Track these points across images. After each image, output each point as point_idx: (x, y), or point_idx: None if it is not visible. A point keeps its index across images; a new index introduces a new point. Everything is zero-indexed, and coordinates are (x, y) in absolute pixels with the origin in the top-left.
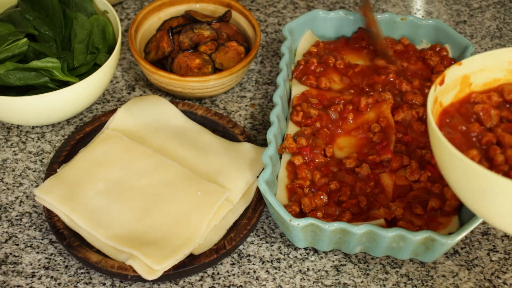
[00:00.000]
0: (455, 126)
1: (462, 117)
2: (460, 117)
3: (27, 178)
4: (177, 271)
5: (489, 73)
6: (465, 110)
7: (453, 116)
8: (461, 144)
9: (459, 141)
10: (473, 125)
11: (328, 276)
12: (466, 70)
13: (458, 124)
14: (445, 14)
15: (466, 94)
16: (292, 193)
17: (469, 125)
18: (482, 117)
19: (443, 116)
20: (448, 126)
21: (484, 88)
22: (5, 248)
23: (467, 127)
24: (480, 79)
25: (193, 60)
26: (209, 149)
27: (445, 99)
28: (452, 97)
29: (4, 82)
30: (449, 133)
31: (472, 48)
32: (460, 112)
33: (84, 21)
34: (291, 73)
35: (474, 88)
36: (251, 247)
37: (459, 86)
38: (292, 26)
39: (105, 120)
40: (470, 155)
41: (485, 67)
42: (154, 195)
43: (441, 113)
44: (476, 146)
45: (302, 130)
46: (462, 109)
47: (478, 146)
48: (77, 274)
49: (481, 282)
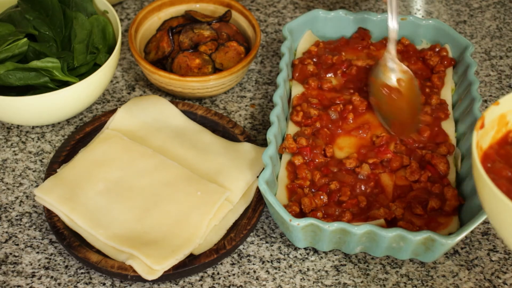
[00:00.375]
0: (499, 172)
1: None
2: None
3: (27, 178)
4: (177, 271)
5: None
6: (505, 152)
7: (494, 160)
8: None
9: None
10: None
11: (328, 276)
12: (504, 109)
13: (501, 170)
14: (445, 14)
15: (503, 134)
16: (292, 193)
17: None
18: None
19: (484, 161)
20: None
21: None
22: (5, 248)
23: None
24: None
25: (193, 60)
26: (209, 149)
27: (484, 142)
28: (490, 138)
29: (4, 82)
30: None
31: (472, 48)
32: (500, 154)
33: (84, 21)
34: (291, 73)
35: (511, 127)
36: (251, 247)
37: (496, 127)
38: (292, 26)
39: (105, 120)
40: None
41: None
42: (154, 195)
43: (482, 158)
44: None
45: (302, 130)
46: (501, 150)
47: None
48: (77, 274)
49: (481, 282)
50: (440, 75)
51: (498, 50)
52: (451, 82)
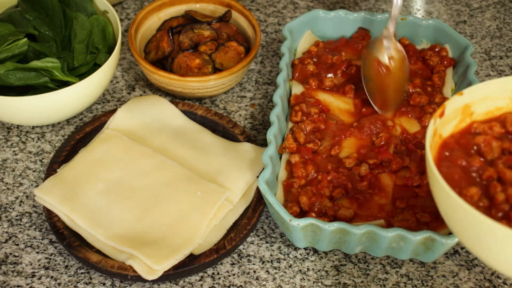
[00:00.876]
0: (454, 160)
1: (462, 148)
2: (460, 150)
3: (27, 178)
4: (177, 271)
5: (491, 101)
6: (466, 141)
7: (453, 149)
8: (460, 180)
9: (458, 176)
10: (473, 158)
11: (328, 276)
12: (467, 100)
13: (458, 158)
14: (445, 14)
15: (467, 124)
16: (288, 190)
17: (469, 159)
18: (483, 149)
19: (442, 149)
20: (448, 160)
21: (486, 117)
22: (5, 248)
23: (467, 161)
24: (482, 108)
25: (193, 60)
26: (209, 149)
27: (444, 130)
28: (452, 127)
29: (4, 82)
30: (449, 168)
31: (472, 48)
32: (460, 144)
33: (84, 21)
34: (291, 73)
35: (475, 118)
36: (251, 247)
37: (459, 116)
38: (292, 26)
39: (105, 120)
40: (470, 193)
41: (487, 96)
42: (154, 195)
43: (440, 146)
44: (476, 182)
45: (300, 125)
46: (462, 140)
47: (478, 181)
48: (77, 274)
49: (481, 282)
50: (440, 75)
51: (498, 50)
52: (451, 82)
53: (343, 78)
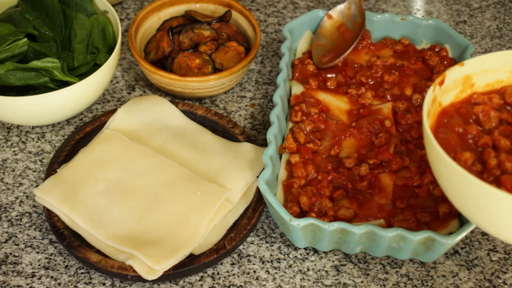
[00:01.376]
0: (452, 127)
1: (461, 117)
2: (458, 118)
3: (27, 178)
4: (177, 271)
5: (492, 74)
6: (465, 111)
7: (451, 117)
8: (456, 146)
9: (454, 142)
10: (470, 126)
11: (328, 276)
12: (468, 71)
13: (455, 125)
14: (445, 14)
15: (468, 94)
16: (287, 189)
17: (466, 127)
18: (481, 118)
19: (441, 116)
20: (446, 126)
21: (487, 89)
22: (5, 248)
23: (464, 128)
24: (483, 80)
25: (193, 60)
26: (209, 149)
27: (444, 99)
28: (452, 97)
29: (4, 82)
30: (446, 134)
31: (472, 48)
32: (459, 113)
33: (84, 21)
34: (291, 73)
35: (476, 89)
36: (251, 247)
37: (460, 86)
38: (292, 26)
39: (105, 120)
40: (463, 157)
41: (488, 68)
42: (154, 195)
43: (439, 113)
44: (471, 148)
45: (300, 125)
46: (462, 109)
47: (473, 148)
48: (77, 274)
49: (481, 282)
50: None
51: (498, 50)
52: None
53: (343, 78)
